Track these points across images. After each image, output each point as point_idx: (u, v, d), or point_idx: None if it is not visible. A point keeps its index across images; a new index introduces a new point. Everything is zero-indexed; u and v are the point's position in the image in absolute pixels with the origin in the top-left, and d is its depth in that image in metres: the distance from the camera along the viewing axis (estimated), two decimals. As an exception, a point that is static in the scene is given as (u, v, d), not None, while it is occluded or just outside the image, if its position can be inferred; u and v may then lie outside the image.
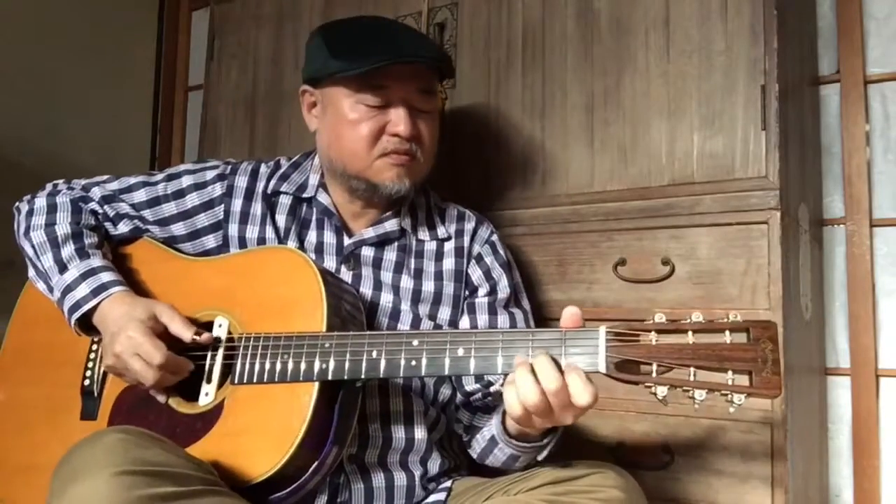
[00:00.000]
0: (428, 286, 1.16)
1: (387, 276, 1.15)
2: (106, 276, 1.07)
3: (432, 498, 1.08)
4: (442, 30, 1.55)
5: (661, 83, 1.32)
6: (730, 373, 0.81)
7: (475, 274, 1.19)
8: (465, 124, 1.51)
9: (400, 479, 1.07)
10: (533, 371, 0.84)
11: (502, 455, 1.06)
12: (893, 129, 1.60)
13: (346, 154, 1.11)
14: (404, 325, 1.13)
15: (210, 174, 1.19)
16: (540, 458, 1.02)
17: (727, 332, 0.83)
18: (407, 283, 1.15)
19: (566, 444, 1.33)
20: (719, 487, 1.20)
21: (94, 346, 1.12)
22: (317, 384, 0.94)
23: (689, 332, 0.83)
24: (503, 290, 1.19)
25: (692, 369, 0.82)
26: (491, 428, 1.08)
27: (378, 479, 1.06)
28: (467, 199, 1.26)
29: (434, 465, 1.11)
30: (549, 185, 1.41)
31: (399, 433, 1.08)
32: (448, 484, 1.10)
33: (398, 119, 1.09)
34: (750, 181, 1.23)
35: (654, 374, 0.83)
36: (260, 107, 1.80)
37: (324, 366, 0.94)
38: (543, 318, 1.36)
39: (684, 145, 1.29)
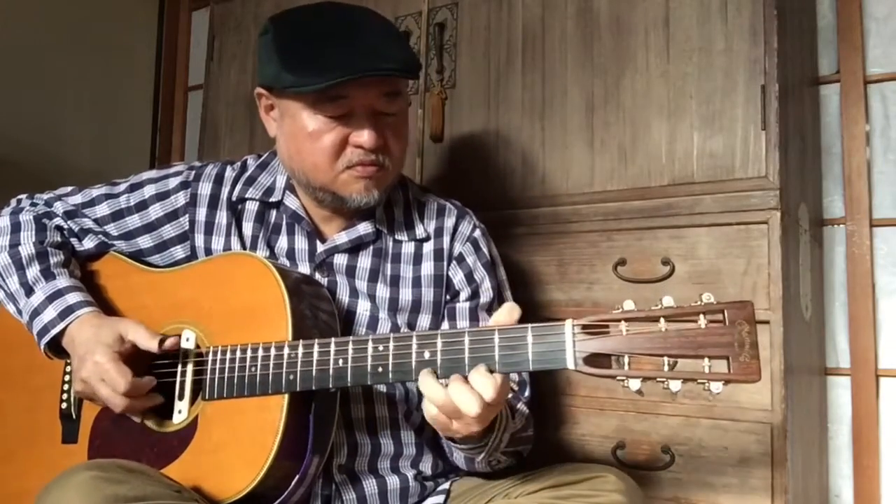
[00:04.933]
0: (406, 294, 1.11)
1: (361, 284, 1.10)
2: (73, 298, 1.03)
3: (431, 500, 1.08)
4: (442, 30, 1.55)
5: (661, 83, 1.32)
6: (706, 360, 0.77)
7: (456, 277, 1.13)
8: (464, 124, 1.51)
9: (393, 482, 1.06)
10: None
11: (459, 455, 1.03)
12: (893, 129, 1.60)
13: (307, 167, 1.05)
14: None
15: (173, 182, 1.13)
16: (479, 459, 0.97)
17: (701, 317, 0.78)
18: (383, 291, 1.11)
19: (566, 443, 1.34)
20: (719, 487, 1.20)
21: (69, 369, 1.09)
22: (286, 395, 0.92)
23: (661, 320, 0.78)
24: (486, 293, 1.14)
25: (665, 359, 0.78)
26: None
27: (370, 486, 1.05)
28: (468, 200, 1.25)
29: (427, 466, 1.10)
30: (549, 185, 1.41)
31: (387, 439, 1.07)
32: (447, 486, 1.10)
33: (362, 130, 1.01)
34: (750, 181, 1.23)
35: (626, 367, 0.79)
36: (260, 107, 1.80)
37: (291, 377, 0.92)
38: (543, 318, 1.35)
39: (684, 145, 1.29)
